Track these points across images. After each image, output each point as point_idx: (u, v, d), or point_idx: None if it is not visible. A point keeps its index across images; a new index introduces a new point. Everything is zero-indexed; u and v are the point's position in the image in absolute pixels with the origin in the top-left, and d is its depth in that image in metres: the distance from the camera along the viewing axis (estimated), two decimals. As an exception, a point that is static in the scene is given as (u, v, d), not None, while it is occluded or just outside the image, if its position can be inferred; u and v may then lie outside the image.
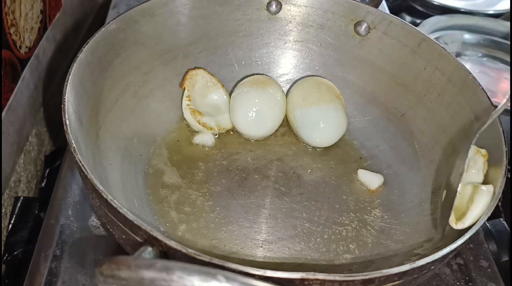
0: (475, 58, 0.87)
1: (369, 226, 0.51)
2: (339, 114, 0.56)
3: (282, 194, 0.53)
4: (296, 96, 0.58)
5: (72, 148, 0.39)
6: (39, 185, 0.68)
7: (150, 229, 0.33)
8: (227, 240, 0.48)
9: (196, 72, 0.57)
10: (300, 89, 0.58)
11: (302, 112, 0.56)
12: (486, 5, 0.97)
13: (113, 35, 0.51)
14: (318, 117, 0.56)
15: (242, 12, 0.59)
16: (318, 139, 0.57)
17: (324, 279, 0.32)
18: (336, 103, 0.56)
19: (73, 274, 0.47)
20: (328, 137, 0.57)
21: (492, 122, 0.45)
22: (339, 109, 0.56)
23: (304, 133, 0.57)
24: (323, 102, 0.56)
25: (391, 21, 0.57)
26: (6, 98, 0.56)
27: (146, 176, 0.52)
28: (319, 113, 0.56)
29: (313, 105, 0.56)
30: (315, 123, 0.56)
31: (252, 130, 0.57)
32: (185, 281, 0.27)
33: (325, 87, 0.58)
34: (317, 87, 0.57)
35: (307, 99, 0.56)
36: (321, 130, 0.56)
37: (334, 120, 0.56)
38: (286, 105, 0.58)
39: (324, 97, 0.56)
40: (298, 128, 0.57)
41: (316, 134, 0.56)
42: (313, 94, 0.57)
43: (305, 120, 0.56)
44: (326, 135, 0.57)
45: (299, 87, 0.59)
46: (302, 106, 0.56)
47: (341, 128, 0.57)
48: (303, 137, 0.57)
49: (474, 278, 0.51)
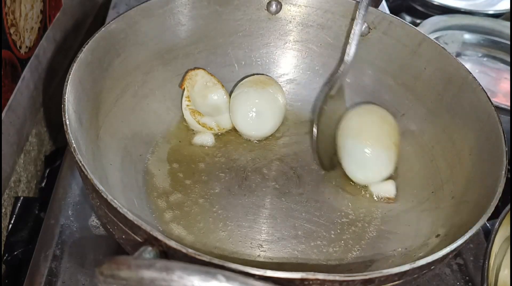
0: (475, 58, 0.87)
1: (369, 226, 0.51)
2: (390, 162, 0.53)
3: (282, 194, 0.53)
4: (356, 122, 0.55)
5: (72, 148, 0.39)
6: (39, 185, 0.68)
7: (150, 229, 0.33)
8: (227, 240, 0.48)
9: (195, 72, 0.57)
10: (363, 118, 0.55)
11: (355, 145, 0.53)
12: (486, 5, 0.97)
13: (113, 35, 0.51)
14: (369, 158, 0.52)
15: (242, 12, 0.59)
16: (359, 176, 0.54)
17: (324, 279, 0.32)
18: (392, 151, 0.53)
19: (73, 274, 0.47)
20: (369, 178, 0.54)
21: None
22: (391, 159, 0.53)
23: (346, 162, 0.54)
24: (381, 145, 0.53)
25: (391, 21, 0.57)
26: (6, 98, 0.56)
27: (146, 176, 0.52)
28: (371, 154, 0.52)
29: (369, 144, 0.52)
30: (363, 162, 0.53)
31: (252, 130, 0.57)
32: (185, 281, 0.27)
33: (388, 129, 0.54)
34: (380, 125, 0.54)
35: (365, 134, 0.53)
36: (366, 170, 0.53)
37: (382, 166, 0.53)
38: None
39: (383, 141, 0.53)
40: (342, 155, 0.54)
41: (359, 171, 0.54)
42: (374, 132, 0.53)
43: (354, 152, 0.53)
44: (368, 176, 0.54)
45: (363, 115, 0.55)
46: (357, 139, 0.53)
47: (386, 173, 0.53)
48: (344, 164, 0.55)
49: (474, 278, 0.51)
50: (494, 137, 0.46)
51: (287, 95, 0.61)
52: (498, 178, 0.43)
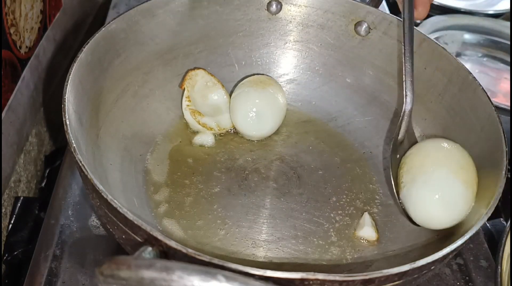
0: (475, 58, 0.87)
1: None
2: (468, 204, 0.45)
3: (282, 194, 0.53)
4: (441, 151, 0.47)
5: (72, 148, 0.39)
6: (39, 185, 0.68)
7: (150, 229, 0.33)
8: (227, 240, 0.48)
9: (195, 72, 0.57)
10: (448, 158, 0.47)
11: (446, 176, 0.45)
12: (486, 5, 0.97)
13: (113, 35, 0.51)
14: (459, 193, 0.45)
15: (242, 12, 0.59)
16: (423, 219, 0.46)
17: (324, 279, 0.32)
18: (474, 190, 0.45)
19: (73, 274, 0.47)
20: (449, 219, 0.45)
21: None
22: (469, 199, 0.45)
23: (409, 197, 0.47)
24: (471, 181, 0.45)
25: (391, 21, 0.57)
26: (6, 98, 0.56)
27: (146, 176, 0.52)
28: (463, 190, 0.44)
29: (464, 178, 0.45)
30: (431, 199, 0.45)
31: (252, 130, 0.57)
32: (185, 281, 0.27)
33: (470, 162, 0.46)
34: (466, 168, 0.46)
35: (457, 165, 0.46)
36: (449, 208, 0.45)
37: (466, 207, 0.45)
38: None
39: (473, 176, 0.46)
40: (404, 188, 0.47)
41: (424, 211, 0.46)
42: (464, 164, 0.46)
43: (422, 191, 0.46)
44: (449, 216, 0.45)
45: (446, 146, 0.48)
46: (448, 170, 0.45)
47: (459, 217, 0.45)
48: (403, 199, 0.48)
49: (474, 278, 0.51)
50: (494, 137, 0.46)
51: (287, 95, 0.61)
52: (498, 178, 0.43)
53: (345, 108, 0.61)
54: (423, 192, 0.46)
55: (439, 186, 0.45)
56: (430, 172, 0.46)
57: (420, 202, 0.46)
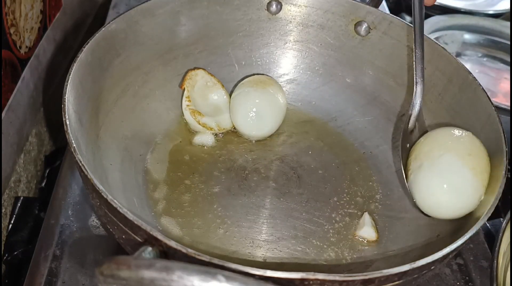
0: (475, 58, 0.87)
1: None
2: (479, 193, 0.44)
3: (282, 194, 0.53)
4: (450, 135, 0.46)
5: (72, 148, 0.39)
6: (39, 185, 0.68)
7: (150, 229, 0.33)
8: (227, 240, 0.48)
9: (195, 72, 0.57)
10: (460, 147, 0.45)
11: (454, 161, 0.44)
12: (486, 5, 0.97)
13: (113, 35, 0.51)
14: (467, 180, 0.43)
15: (242, 12, 0.59)
16: (430, 207, 0.45)
17: (324, 279, 0.32)
18: (480, 178, 0.44)
19: (73, 274, 0.47)
20: (456, 207, 0.44)
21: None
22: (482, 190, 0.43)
23: (415, 183, 0.46)
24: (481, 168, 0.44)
25: (391, 21, 0.57)
26: (6, 98, 0.56)
27: (146, 176, 0.52)
28: (472, 177, 0.43)
29: (474, 163, 0.43)
30: (436, 184, 0.44)
31: (252, 130, 0.57)
32: (185, 281, 0.27)
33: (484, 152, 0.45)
34: (475, 155, 0.44)
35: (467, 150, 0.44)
36: (458, 196, 0.44)
37: (477, 196, 0.44)
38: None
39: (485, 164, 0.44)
40: (411, 175, 0.46)
41: (430, 198, 0.45)
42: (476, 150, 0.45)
43: (428, 177, 0.45)
44: (456, 204, 0.44)
45: (455, 132, 0.47)
46: (457, 154, 0.44)
47: (467, 206, 0.44)
48: (410, 187, 0.47)
49: (474, 278, 0.51)
50: (494, 137, 0.46)
51: (287, 95, 0.61)
52: (498, 178, 0.43)
53: (345, 108, 0.61)
54: (429, 177, 0.45)
55: (444, 171, 0.44)
56: (437, 157, 0.44)
57: (425, 188, 0.45)
